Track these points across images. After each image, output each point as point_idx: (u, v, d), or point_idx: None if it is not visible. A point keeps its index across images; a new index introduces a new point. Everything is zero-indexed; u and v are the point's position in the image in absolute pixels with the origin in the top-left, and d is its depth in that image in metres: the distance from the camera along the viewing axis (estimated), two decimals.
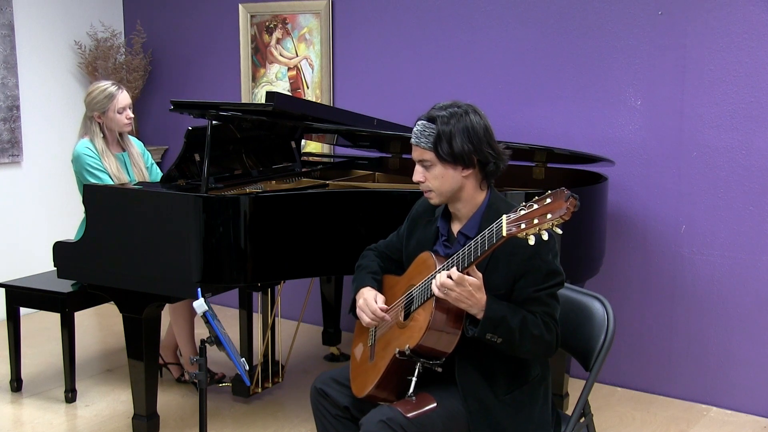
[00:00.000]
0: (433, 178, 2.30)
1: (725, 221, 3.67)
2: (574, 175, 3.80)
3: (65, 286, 3.69)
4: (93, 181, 3.59)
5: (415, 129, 2.32)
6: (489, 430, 2.25)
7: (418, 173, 2.33)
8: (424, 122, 2.30)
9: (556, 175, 3.79)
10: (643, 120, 3.81)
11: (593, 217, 3.49)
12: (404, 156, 4.08)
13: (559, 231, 1.95)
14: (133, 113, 3.85)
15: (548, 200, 1.95)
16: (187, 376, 3.96)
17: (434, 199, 2.35)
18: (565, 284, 2.59)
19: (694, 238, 3.75)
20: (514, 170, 3.79)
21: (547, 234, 1.95)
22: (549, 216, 1.92)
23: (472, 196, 2.33)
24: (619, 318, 3.10)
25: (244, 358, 2.67)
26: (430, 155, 2.28)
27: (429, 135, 2.27)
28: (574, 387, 3.57)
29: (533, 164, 3.72)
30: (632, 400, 3.86)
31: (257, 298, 3.83)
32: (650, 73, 3.76)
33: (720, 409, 3.75)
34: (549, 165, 3.73)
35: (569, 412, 2.66)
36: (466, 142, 2.24)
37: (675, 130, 3.74)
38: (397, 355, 2.23)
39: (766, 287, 3.61)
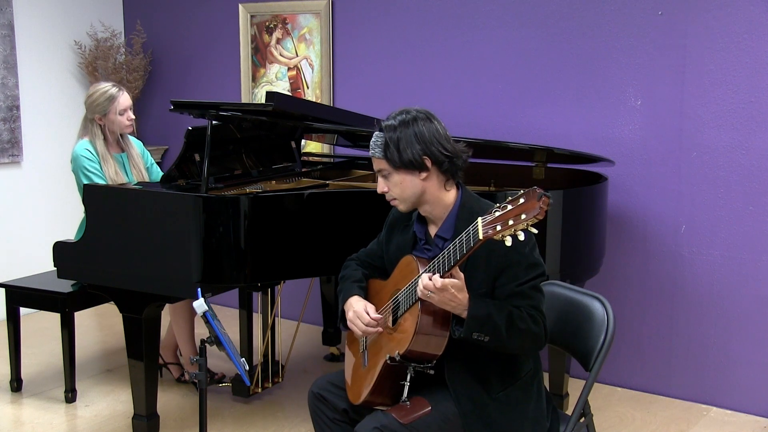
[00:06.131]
0: (394, 186, 2.32)
1: (725, 221, 3.67)
2: (574, 175, 3.81)
3: (65, 286, 3.69)
4: (87, 183, 3.58)
5: (371, 141, 2.34)
6: (485, 430, 2.25)
7: (380, 184, 2.36)
8: (377, 132, 2.33)
9: (556, 175, 3.79)
10: (643, 120, 3.81)
11: (593, 217, 3.49)
12: None
13: (535, 230, 1.95)
14: (134, 113, 3.85)
15: (521, 200, 1.94)
16: (187, 376, 3.96)
17: (400, 206, 2.37)
18: (566, 284, 2.60)
19: (694, 238, 3.75)
20: (514, 170, 3.82)
21: (523, 234, 1.95)
22: (523, 216, 1.92)
23: (438, 197, 2.33)
24: (619, 318, 3.10)
25: (244, 358, 2.66)
26: (384, 164, 2.31)
27: (380, 144, 2.30)
28: (574, 387, 3.56)
29: (533, 164, 3.72)
30: (632, 400, 3.86)
31: (257, 298, 3.83)
32: (650, 73, 3.76)
33: (720, 409, 3.75)
34: (549, 165, 3.73)
35: (569, 412, 2.66)
36: (413, 146, 2.26)
37: (675, 130, 3.74)
38: (388, 361, 2.24)
39: (766, 287, 3.61)
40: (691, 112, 3.69)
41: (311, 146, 4.73)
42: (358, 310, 2.38)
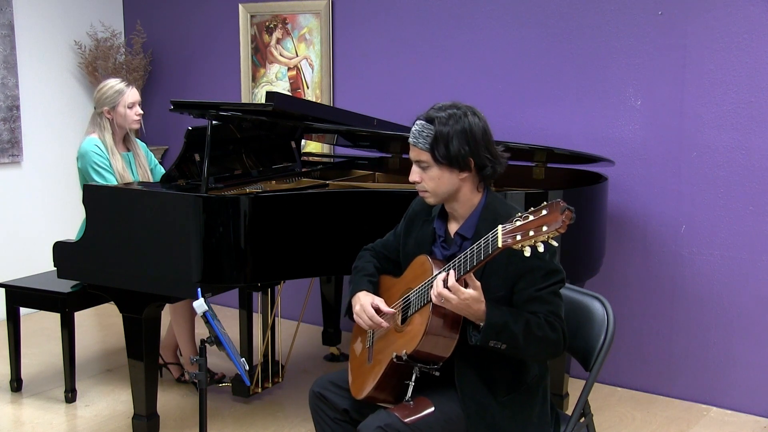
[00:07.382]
0: (429, 179, 2.29)
1: (725, 221, 3.67)
2: (574, 175, 3.81)
3: (65, 286, 3.69)
4: (98, 179, 3.59)
5: (413, 129, 2.30)
6: None
7: (415, 173, 2.32)
8: (423, 122, 2.28)
9: (556, 175, 3.79)
10: (643, 120, 3.81)
11: (593, 217, 3.49)
12: (404, 156, 4.08)
13: (555, 243, 1.94)
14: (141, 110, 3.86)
15: (544, 212, 1.93)
16: (187, 376, 3.96)
17: (430, 200, 2.34)
18: (566, 284, 2.59)
19: (694, 238, 3.75)
20: (514, 170, 3.80)
21: (543, 246, 1.93)
22: (545, 228, 1.91)
23: (469, 197, 2.32)
24: (619, 318, 3.10)
25: (244, 358, 2.66)
26: (426, 156, 2.26)
27: (426, 136, 2.25)
28: (574, 387, 3.57)
29: (533, 164, 3.72)
30: (632, 400, 3.86)
31: (257, 298, 3.83)
32: (650, 73, 3.76)
33: (720, 409, 3.75)
34: (549, 165, 3.73)
35: (569, 412, 2.66)
36: (463, 145, 2.23)
37: (675, 130, 3.74)
38: (395, 360, 2.23)
39: (766, 287, 3.61)
40: (691, 112, 3.69)
41: (311, 146, 4.73)
42: (365, 304, 2.37)
